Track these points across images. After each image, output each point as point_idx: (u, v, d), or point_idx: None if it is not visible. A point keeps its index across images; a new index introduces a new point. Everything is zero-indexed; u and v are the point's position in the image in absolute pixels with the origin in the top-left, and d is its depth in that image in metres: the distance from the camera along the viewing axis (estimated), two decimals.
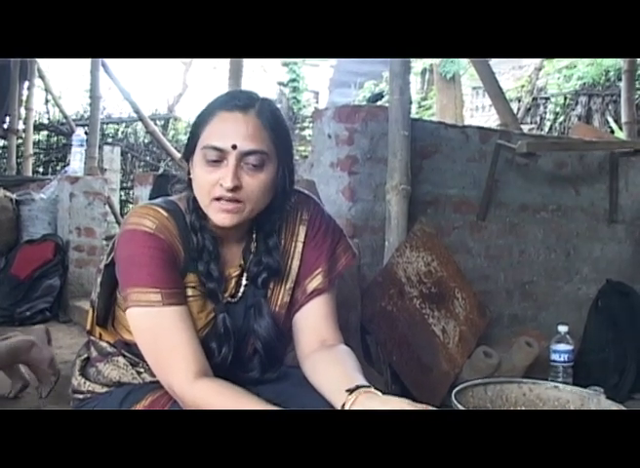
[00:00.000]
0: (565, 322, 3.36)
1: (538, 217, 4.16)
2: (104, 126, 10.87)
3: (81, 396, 1.92)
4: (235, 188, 1.69)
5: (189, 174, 1.79)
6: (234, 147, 1.68)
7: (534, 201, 4.13)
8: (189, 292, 1.78)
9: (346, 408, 1.63)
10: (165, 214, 1.75)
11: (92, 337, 1.95)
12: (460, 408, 1.93)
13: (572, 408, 2.23)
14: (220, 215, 1.72)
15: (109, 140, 10.55)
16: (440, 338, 3.27)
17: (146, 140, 11.30)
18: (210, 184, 1.71)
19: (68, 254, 5.68)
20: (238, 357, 1.86)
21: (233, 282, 1.86)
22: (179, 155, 7.05)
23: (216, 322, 1.80)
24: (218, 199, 1.71)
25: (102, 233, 5.82)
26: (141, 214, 1.74)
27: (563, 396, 2.27)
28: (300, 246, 1.90)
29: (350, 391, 1.65)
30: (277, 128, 1.77)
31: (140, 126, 10.64)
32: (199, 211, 1.79)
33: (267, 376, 1.88)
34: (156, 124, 9.87)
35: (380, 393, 1.65)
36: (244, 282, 1.86)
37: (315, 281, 1.89)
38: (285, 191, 1.82)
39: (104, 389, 1.88)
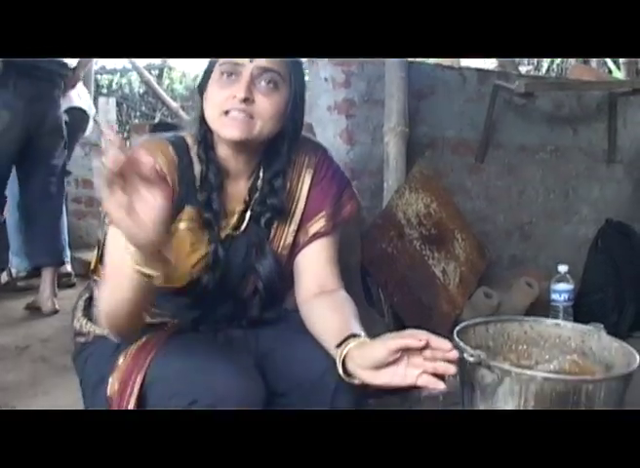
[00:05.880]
0: (565, 262, 3.36)
1: (536, 158, 4.15)
2: (99, 77, 10.77)
3: (82, 339, 1.93)
4: (247, 100, 1.69)
5: (202, 107, 1.79)
6: (251, 61, 1.69)
7: (532, 142, 4.11)
8: (184, 224, 1.78)
9: (340, 362, 1.65)
10: (170, 146, 1.78)
11: (95, 277, 1.96)
12: (462, 345, 1.94)
13: (573, 345, 2.24)
14: (228, 129, 1.71)
15: (104, 92, 10.46)
16: (440, 280, 3.27)
17: (141, 90, 11.22)
18: (223, 98, 1.71)
19: (67, 206, 5.67)
20: (238, 295, 1.88)
21: (237, 216, 1.86)
22: (174, 104, 7.02)
23: (208, 257, 1.81)
24: (227, 112, 1.71)
25: (100, 184, 5.78)
26: (149, 147, 1.77)
27: (564, 333, 2.27)
28: (305, 189, 1.90)
29: (339, 344, 1.67)
30: (294, 60, 1.78)
31: (134, 76, 10.56)
32: (207, 140, 1.80)
33: (266, 316, 1.91)
34: (151, 73, 9.78)
35: (368, 340, 1.66)
36: (247, 217, 1.87)
37: (317, 224, 1.90)
38: (295, 122, 1.83)
39: (105, 330, 1.89)
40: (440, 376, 1.57)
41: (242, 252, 1.86)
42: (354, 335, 1.68)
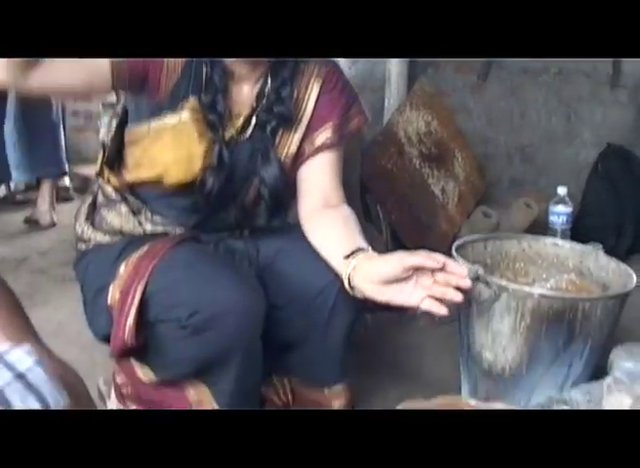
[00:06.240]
0: (564, 185, 3.34)
1: (539, 80, 4.10)
2: None
3: (84, 246, 1.94)
4: None
5: None
6: None
7: (535, 64, 4.06)
8: (187, 113, 1.76)
9: (347, 274, 1.67)
10: None
11: (100, 180, 1.96)
12: (461, 261, 1.95)
13: (570, 264, 2.25)
14: None
15: None
16: (439, 198, 3.27)
17: None
18: None
19: (65, 120, 5.60)
20: (240, 201, 1.88)
21: (242, 120, 1.85)
22: None
23: (212, 154, 1.80)
24: None
25: (99, 98, 5.70)
26: None
27: (562, 253, 2.28)
28: (313, 97, 1.88)
29: (348, 256, 1.68)
30: None
31: None
32: None
33: (273, 224, 1.92)
34: None
35: (376, 254, 1.68)
36: (253, 121, 1.85)
37: (324, 134, 1.89)
38: None
39: (107, 238, 1.90)
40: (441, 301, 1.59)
41: (246, 156, 1.86)
42: (362, 249, 1.69)
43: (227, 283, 1.68)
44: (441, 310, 1.57)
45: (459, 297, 1.57)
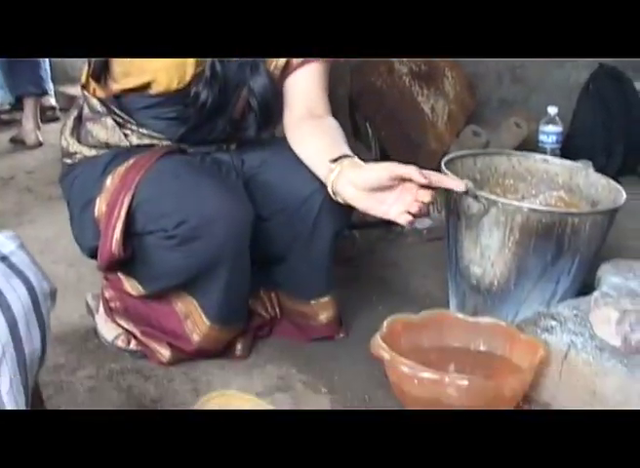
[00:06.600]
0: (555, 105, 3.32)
1: None
2: None
3: (69, 160, 1.92)
4: None
5: None
6: None
7: None
8: None
9: (332, 178, 1.68)
10: None
11: (86, 93, 1.93)
12: (450, 174, 1.94)
13: (560, 181, 2.24)
14: None
15: None
16: (429, 116, 3.24)
17: None
18: None
19: None
20: (230, 112, 1.88)
21: None
22: None
23: (205, 66, 1.78)
24: None
25: None
26: None
27: (552, 169, 2.27)
28: None
29: (334, 160, 1.67)
30: None
31: None
32: None
33: (262, 136, 1.92)
34: None
35: (363, 163, 1.68)
36: None
37: None
38: None
39: (93, 151, 1.88)
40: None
41: (235, 66, 1.84)
42: (348, 156, 1.69)
43: (214, 192, 1.68)
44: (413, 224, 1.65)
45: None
